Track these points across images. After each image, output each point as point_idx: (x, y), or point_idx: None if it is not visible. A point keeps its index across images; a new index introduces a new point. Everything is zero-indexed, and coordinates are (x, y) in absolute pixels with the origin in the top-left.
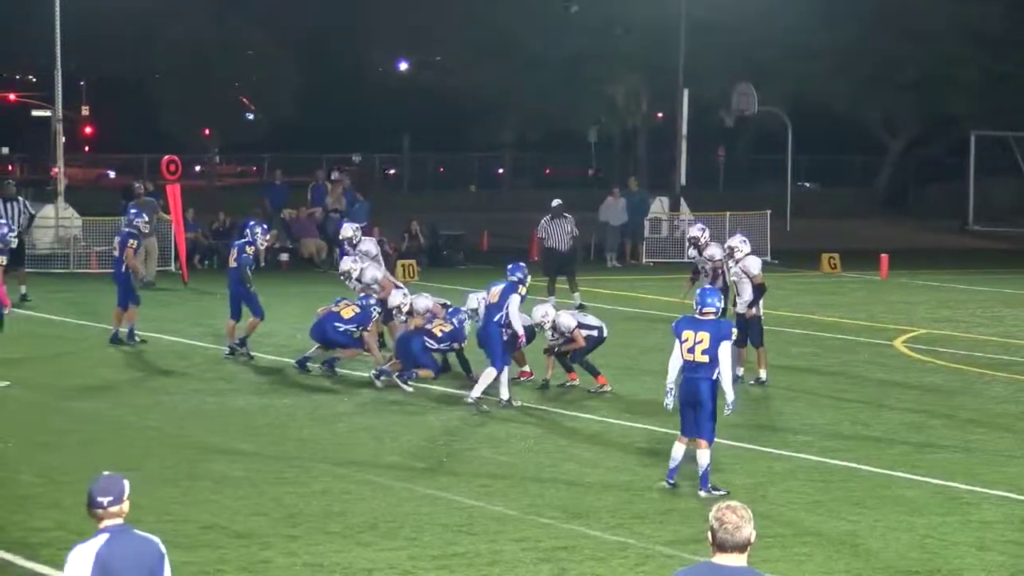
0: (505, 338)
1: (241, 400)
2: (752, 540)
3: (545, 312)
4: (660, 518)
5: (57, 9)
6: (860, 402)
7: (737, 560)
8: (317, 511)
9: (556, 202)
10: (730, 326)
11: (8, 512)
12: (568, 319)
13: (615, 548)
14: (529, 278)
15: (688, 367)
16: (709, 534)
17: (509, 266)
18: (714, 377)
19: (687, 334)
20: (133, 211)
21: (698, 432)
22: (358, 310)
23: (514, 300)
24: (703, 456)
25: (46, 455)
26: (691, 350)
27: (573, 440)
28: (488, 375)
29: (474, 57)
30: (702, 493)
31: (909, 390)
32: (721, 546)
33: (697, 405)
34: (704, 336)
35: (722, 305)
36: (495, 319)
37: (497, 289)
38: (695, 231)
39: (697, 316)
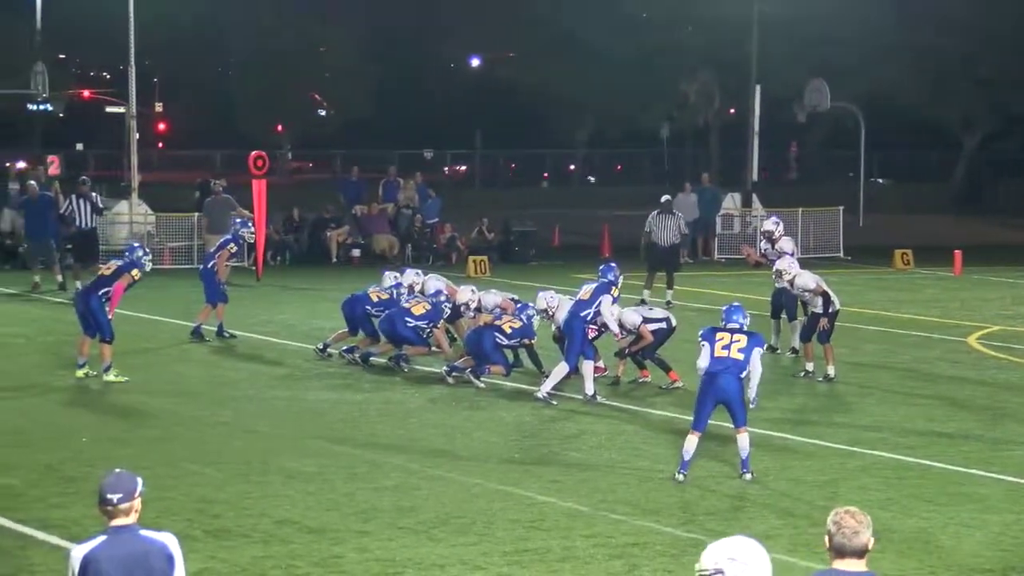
0: (591, 336)
1: (312, 395)
2: (870, 546)
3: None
4: (732, 514)
5: (131, 7)
6: (933, 399)
7: (856, 566)
8: (389, 507)
9: (665, 198)
10: (762, 336)
11: (85, 507)
12: (633, 316)
13: (687, 544)
14: (621, 279)
15: (717, 363)
16: (826, 538)
17: (602, 267)
18: (742, 376)
19: (722, 334)
20: (239, 221)
21: (736, 422)
22: (429, 307)
23: (606, 300)
24: (745, 440)
25: (120, 450)
26: (727, 347)
27: (645, 436)
28: (559, 371)
29: (546, 54)
30: (748, 476)
31: (983, 387)
32: (839, 551)
33: (728, 400)
34: (741, 338)
35: (746, 322)
36: (582, 314)
37: (589, 288)
38: (769, 224)
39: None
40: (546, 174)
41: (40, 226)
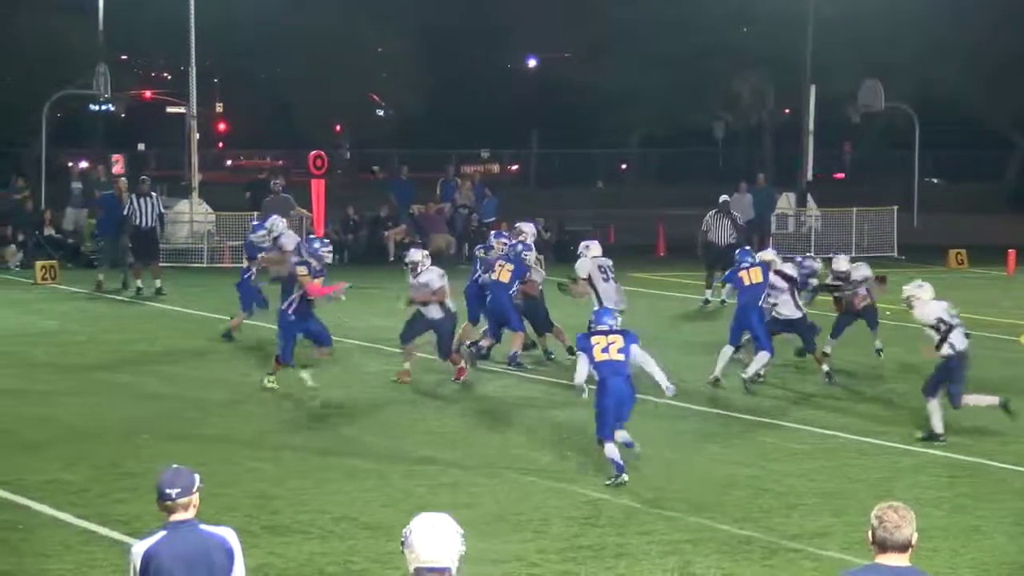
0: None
1: (368, 393)
2: (914, 541)
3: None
4: (785, 512)
5: (192, 9)
6: None
7: (900, 560)
8: (445, 503)
9: (723, 198)
10: (635, 333)
11: (146, 504)
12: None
13: (740, 542)
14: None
15: (604, 368)
16: (869, 533)
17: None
18: (629, 375)
19: (597, 338)
20: (317, 243)
21: (620, 419)
22: (511, 266)
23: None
24: (623, 434)
25: (180, 447)
26: (605, 350)
27: (700, 435)
28: (761, 358)
29: (600, 53)
30: (637, 449)
31: None
32: (882, 545)
33: (621, 402)
34: (616, 338)
35: (615, 322)
36: (759, 302)
37: (757, 270)
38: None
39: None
40: (600, 180)
41: (109, 225)
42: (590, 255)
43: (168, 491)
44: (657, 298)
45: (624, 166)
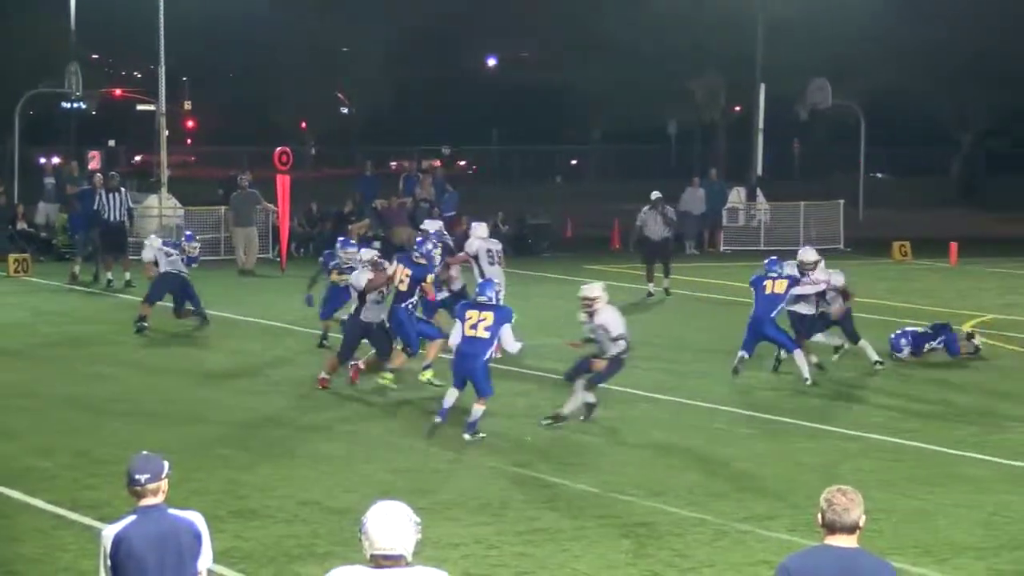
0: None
1: (334, 381)
2: (861, 523)
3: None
4: (735, 495)
5: (161, 8)
6: (930, 384)
7: (848, 541)
8: (407, 488)
9: (655, 194)
10: (510, 310)
11: (115, 489)
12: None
13: (692, 524)
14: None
15: (466, 344)
16: (819, 516)
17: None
18: (489, 352)
19: (471, 312)
20: (189, 234)
21: (478, 394)
22: (409, 271)
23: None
24: (479, 410)
25: (151, 433)
26: (474, 326)
27: (651, 422)
28: (799, 357)
29: (558, 54)
30: (467, 436)
31: (977, 373)
32: (831, 527)
33: (472, 377)
34: (488, 315)
35: (495, 296)
36: (772, 313)
37: (783, 282)
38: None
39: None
40: (559, 175)
41: (85, 219)
42: (476, 235)
43: (138, 476)
44: (613, 289)
45: (574, 162)
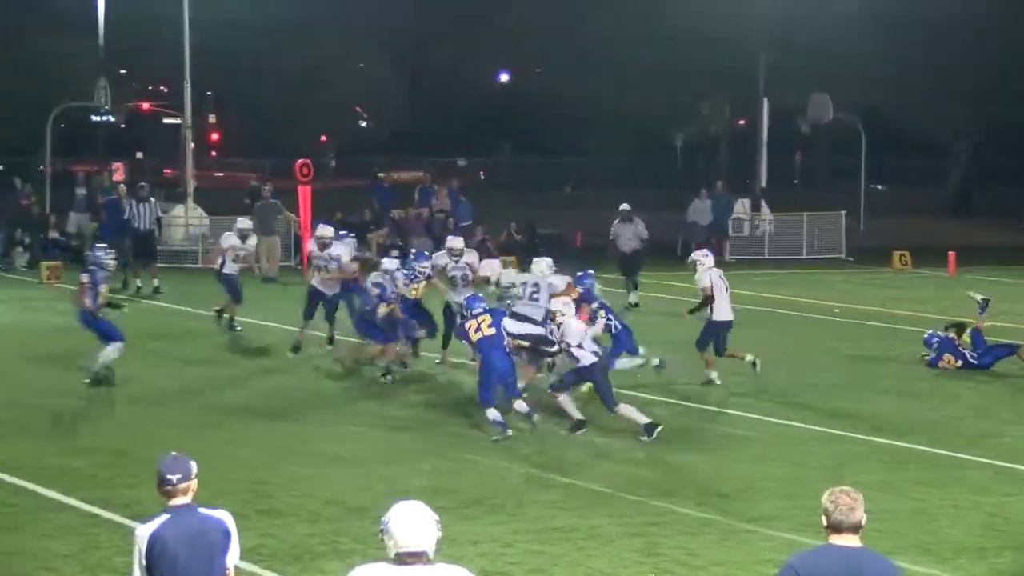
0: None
1: (350, 383)
2: (863, 523)
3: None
4: (743, 496)
5: (186, 26)
6: (930, 389)
7: (852, 541)
8: (428, 488)
9: (623, 207)
10: (503, 310)
11: (146, 489)
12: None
13: (701, 524)
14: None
15: (483, 344)
16: (823, 517)
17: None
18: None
19: (470, 323)
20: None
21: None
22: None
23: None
24: (520, 404)
25: (180, 434)
26: (478, 329)
27: (661, 422)
28: None
29: (569, 68)
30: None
31: (976, 378)
32: (836, 527)
33: (503, 376)
34: (485, 317)
35: (484, 305)
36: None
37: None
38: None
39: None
40: (569, 186)
41: (112, 227)
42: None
43: (169, 476)
44: (619, 296)
45: (576, 175)
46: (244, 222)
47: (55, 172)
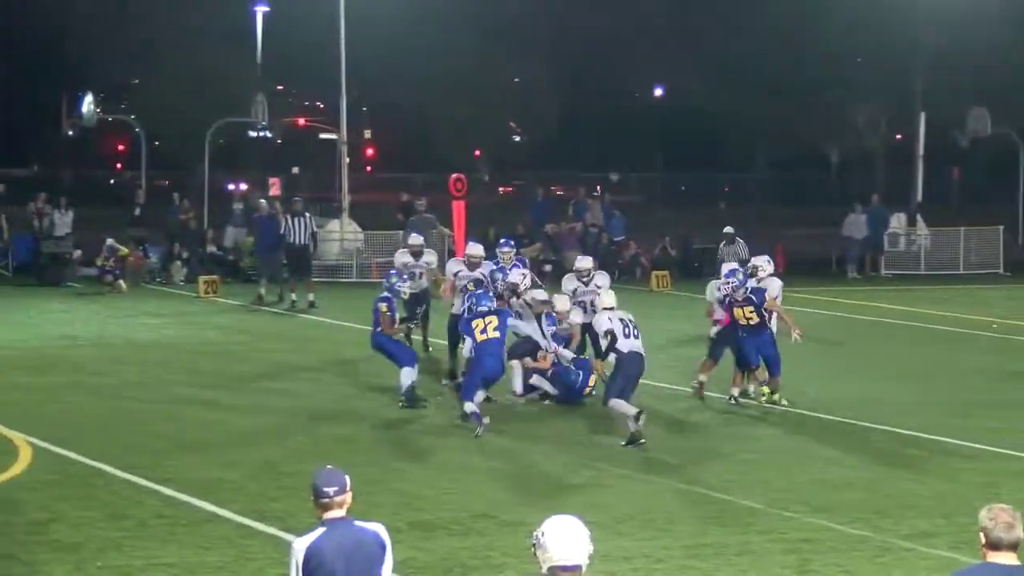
0: None
1: (501, 398)
2: (1022, 540)
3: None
4: (898, 513)
5: (342, 43)
6: None
7: (1011, 559)
8: (580, 503)
9: (727, 229)
10: (509, 311)
11: (298, 501)
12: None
13: (855, 541)
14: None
15: (483, 347)
16: (982, 535)
17: None
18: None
19: (477, 321)
20: (393, 272)
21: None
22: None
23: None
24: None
25: (331, 448)
26: (484, 331)
27: (816, 438)
28: None
29: (723, 83)
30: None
31: None
32: (995, 545)
33: (493, 378)
34: (492, 318)
35: (493, 304)
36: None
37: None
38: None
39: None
40: (723, 201)
41: (268, 242)
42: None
43: (326, 490)
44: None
45: (726, 188)
46: (416, 238)
47: (213, 188)
